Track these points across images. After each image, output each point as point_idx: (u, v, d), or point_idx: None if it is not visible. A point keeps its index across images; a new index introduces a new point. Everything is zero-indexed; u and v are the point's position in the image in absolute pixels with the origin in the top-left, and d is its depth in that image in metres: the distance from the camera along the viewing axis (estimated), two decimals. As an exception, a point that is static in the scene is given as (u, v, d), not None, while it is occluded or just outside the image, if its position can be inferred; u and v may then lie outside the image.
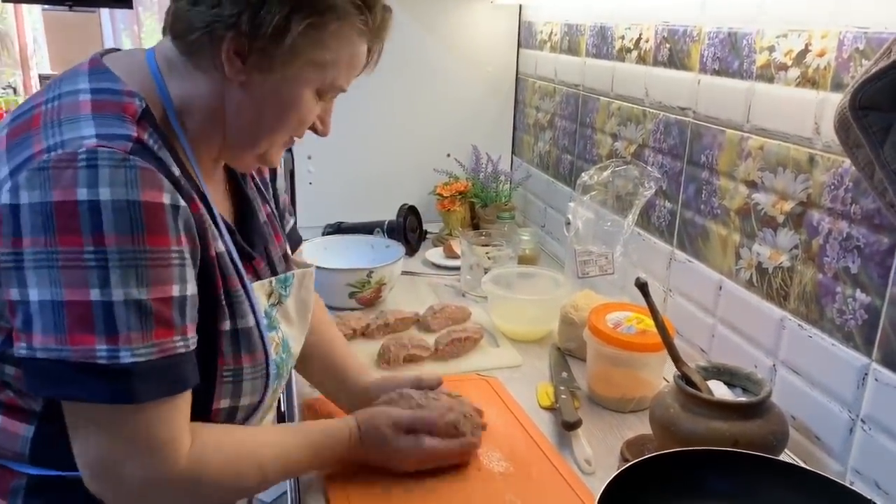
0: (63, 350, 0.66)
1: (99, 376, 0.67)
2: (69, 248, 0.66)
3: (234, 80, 0.77)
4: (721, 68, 1.16)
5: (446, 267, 1.75)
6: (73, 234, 0.65)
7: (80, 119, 0.71)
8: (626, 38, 1.46)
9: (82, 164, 0.66)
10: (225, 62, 0.75)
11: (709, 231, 1.21)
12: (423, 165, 2.03)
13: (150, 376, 0.69)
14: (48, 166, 0.66)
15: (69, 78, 0.77)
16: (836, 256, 0.94)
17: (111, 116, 0.72)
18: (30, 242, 0.66)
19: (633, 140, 1.45)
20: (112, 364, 0.67)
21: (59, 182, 0.66)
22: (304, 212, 2.01)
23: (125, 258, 0.67)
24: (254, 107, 0.79)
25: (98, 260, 0.66)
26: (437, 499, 0.91)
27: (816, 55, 0.96)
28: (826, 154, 0.95)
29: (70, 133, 0.69)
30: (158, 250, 0.69)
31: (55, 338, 0.66)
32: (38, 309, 0.66)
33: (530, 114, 2.02)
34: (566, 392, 1.13)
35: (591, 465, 0.99)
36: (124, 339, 0.67)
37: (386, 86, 1.97)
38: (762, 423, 0.88)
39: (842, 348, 0.94)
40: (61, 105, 0.73)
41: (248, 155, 0.85)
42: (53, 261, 0.66)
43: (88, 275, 0.66)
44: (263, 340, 0.84)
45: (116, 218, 0.66)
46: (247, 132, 0.81)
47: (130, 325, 0.67)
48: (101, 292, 0.66)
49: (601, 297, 1.32)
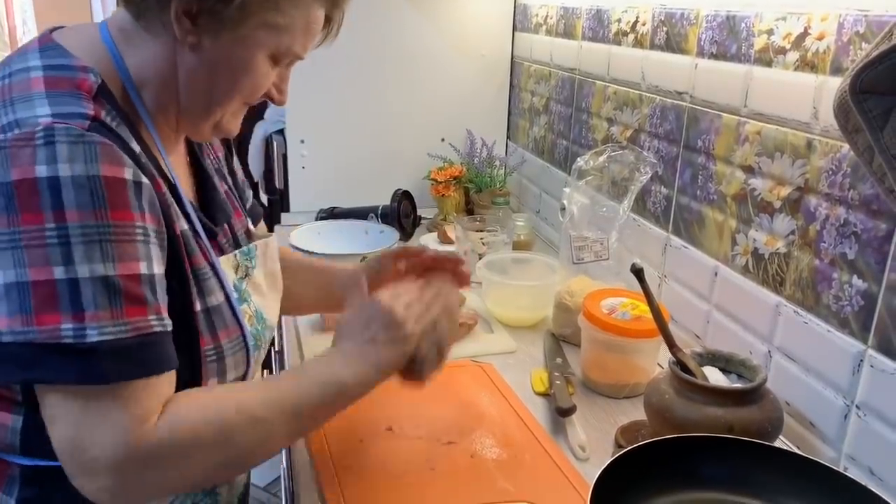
0: (29, 332, 0.64)
1: (65, 356, 0.64)
2: (31, 227, 0.64)
3: (184, 44, 0.75)
4: (718, 52, 1.15)
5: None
6: (33, 212, 0.64)
7: (33, 97, 0.69)
8: (623, 21, 1.44)
9: (40, 141, 0.64)
10: (174, 22, 0.73)
11: (705, 217, 1.20)
12: (418, 150, 2.01)
13: (121, 355, 0.66)
14: (5, 146, 0.65)
15: (19, 56, 0.75)
16: (833, 242, 0.93)
17: (65, 94, 0.70)
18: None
19: (629, 125, 1.44)
20: (78, 343, 0.64)
21: (17, 161, 0.64)
22: (297, 196, 2.00)
23: (88, 233, 0.65)
24: (206, 71, 0.77)
25: (60, 237, 0.64)
26: (430, 485, 0.91)
27: (816, 38, 0.95)
28: (824, 139, 0.94)
29: (24, 112, 0.67)
30: (122, 224, 0.67)
31: (21, 319, 0.64)
32: (3, 292, 0.64)
33: (525, 98, 2.00)
34: (561, 378, 1.13)
35: (585, 451, 0.99)
36: (91, 316, 0.65)
37: (380, 69, 1.95)
38: (757, 409, 0.88)
39: (837, 334, 0.93)
40: (12, 84, 0.71)
41: (204, 124, 0.82)
42: (17, 241, 0.64)
43: (51, 252, 0.64)
44: (236, 314, 0.82)
45: (77, 194, 0.64)
46: (200, 98, 0.79)
47: (97, 302, 0.65)
48: (66, 269, 0.64)
49: (596, 283, 1.32)
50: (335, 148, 1.99)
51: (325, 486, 0.90)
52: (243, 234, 0.94)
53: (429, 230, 1.89)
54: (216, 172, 0.94)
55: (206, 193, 0.89)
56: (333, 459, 0.95)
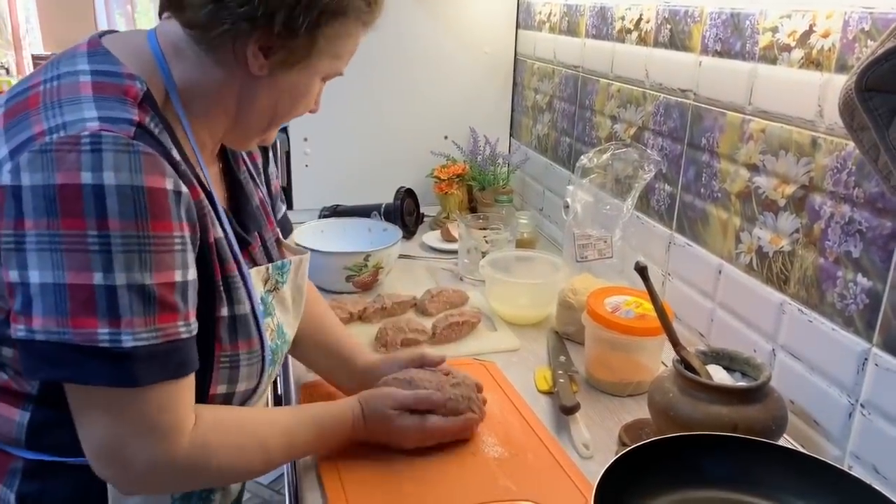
0: (64, 332, 0.66)
1: (100, 359, 0.67)
2: (72, 232, 0.65)
3: (254, 74, 0.78)
4: (723, 49, 1.15)
5: (443, 250, 1.74)
6: (76, 217, 0.65)
7: (80, 100, 0.70)
8: (627, 18, 1.44)
9: (86, 147, 0.66)
10: (250, 58, 0.76)
11: (709, 215, 1.20)
12: (421, 148, 2.01)
13: (152, 360, 0.69)
14: (51, 149, 0.66)
15: (67, 59, 0.76)
16: (837, 240, 0.93)
17: (112, 99, 0.71)
18: (32, 224, 0.65)
19: (632, 122, 1.44)
20: (114, 347, 0.66)
21: (63, 165, 0.65)
22: (300, 194, 2.00)
23: (129, 243, 0.67)
24: (271, 97, 0.81)
25: (102, 244, 0.66)
26: (432, 484, 0.90)
27: (821, 36, 0.95)
28: (829, 137, 0.94)
29: (71, 115, 0.68)
30: (162, 236, 0.69)
31: (56, 320, 0.66)
32: (38, 291, 0.66)
33: (529, 96, 2.00)
34: (564, 376, 1.13)
35: (588, 449, 0.99)
36: (126, 322, 0.67)
37: (383, 67, 1.95)
38: (762, 407, 0.88)
39: (842, 333, 0.93)
40: (61, 86, 0.72)
41: (256, 138, 0.86)
42: (56, 244, 0.65)
43: (92, 259, 0.66)
44: (259, 327, 0.84)
45: (120, 203, 0.66)
46: (260, 118, 0.83)
47: (133, 309, 0.67)
48: (104, 276, 0.66)
49: (599, 281, 1.32)
50: (338, 146, 1.99)
51: (327, 484, 0.90)
52: (274, 245, 0.96)
53: (432, 228, 1.89)
54: (252, 180, 0.95)
55: (239, 203, 0.90)
56: (336, 457, 0.95)
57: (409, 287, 1.50)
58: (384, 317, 1.34)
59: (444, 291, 1.41)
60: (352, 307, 1.34)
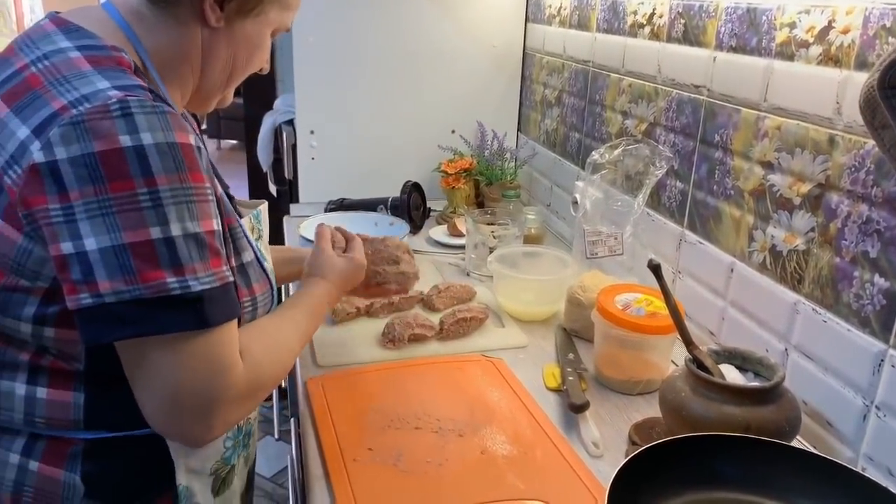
0: (136, 289, 0.67)
1: (174, 307, 0.69)
2: (122, 193, 0.67)
3: (212, 27, 0.81)
4: (738, 45, 1.13)
5: (450, 245, 1.73)
6: (123, 179, 0.67)
7: (87, 74, 0.71)
8: (639, 13, 1.42)
9: (116, 113, 0.68)
10: (207, 10, 0.79)
11: (721, 212, 1.19)
12: (428, 142, 2.00)
13: (216, 302, 0.72)
14: (82, 119, 0.67)
15: (41, 38, 0.76)
16: (854, 240, 0.92)
17: (114, 70, 0.73)
18: (78, 195, 0.67)
19: (644, 118, 1.42)
20: (185, 293, 0.69)
21: (99, 133, 0.67)
22: (306, 187, 1.99)
23: (177, 195, 0.69)
24: (229, 51, 0.84)
25: (153, 200, 0.68)
26: (439, 481, 0.90)
27: (840, 32, 0.93)
28: (847, 135, 0.93)
29: (86, 87, 0.70)
30: (199, 186, 0.72)
31: (124, 279, 0.67)
32: (98, 257, 0.67)
33: (537, 90, 1.98)
34: (573, 374, 1.12)
35: (598, 447, 0.98)
36: (189, 269, 0.70)
37: (390, 60, 1.94)
38: (775, 408, 0.87)
39: (858, 334, 0.92)
40: (55, 64, 0.73)
41: (216, 97, 0.90)
42: (107, 208, 0.67)
43: (146, 215, 0.68)
44: (265, 269, 0.88)
45: (162, 160, 0.68)
46: (221, 75, 0.86)
47: (192, 256, 0.70)
48: (161, 230, 0.68)
49: (609, 278, 1.30)
50: (345, 139, 1.97)
51: (333, 479, 0.90)
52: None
53: (438, 222, 1.88)
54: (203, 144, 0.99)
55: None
56: (342, 451, 0.95)
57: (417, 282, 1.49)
58: (391, 312, 1.34)
59: (451, 287, 1.40)
60: (358, 302, 1.33)
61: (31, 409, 0.77)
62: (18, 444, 0.78)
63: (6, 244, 0.70)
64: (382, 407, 1.04)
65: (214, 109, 0.92)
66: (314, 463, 0.94)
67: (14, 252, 0.70)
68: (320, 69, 1.89)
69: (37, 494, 0.78)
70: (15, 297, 0.73)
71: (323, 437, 0.98)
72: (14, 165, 0.68)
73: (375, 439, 0.97)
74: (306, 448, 0.98)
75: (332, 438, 0.98)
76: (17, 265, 0.71)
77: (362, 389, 1.10)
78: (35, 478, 0.78)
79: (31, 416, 0.77)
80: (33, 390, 0.77)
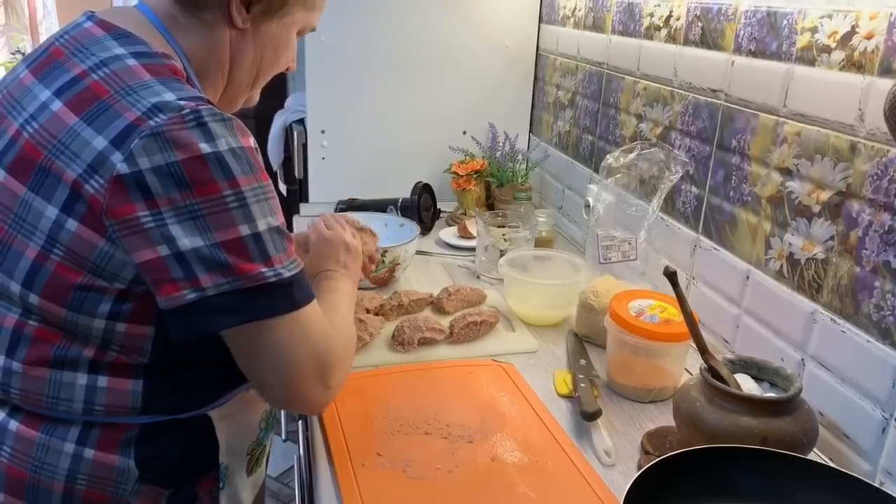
0: (235, 280, 0.73)
1: (270, 293, 0.75)
2: (210, 197, 0.72)
3: (239, 29, 0.85)
4: (757, 49, 1.11)
5: (460, 247, 1.71)
6: (208, 184, 0.72)
7: (150, 84, 0.75)
8: (656, 15, 1.41)
9: (192, 123, 0.72)
10: (234, 12, 0.83)
11: (737, 219, 1.17)
12: (439, 143, 1.98)
13: (300, 285, 0.79)
14: (162, 131, 0.71)
15: (93, 44, 0.79)
16: (875, 249, 0.90)
17: (172, 80, 0.77)
18: (166, 201, 0.71)
19: (659, 122, 1.41)
20: (278, 280, 0.76)
21: (179, 143, 0.71)
22: (316, 187, 1.98)
23: (257, 194, 0.75)
24: (255, 51, 0.89)
25: (238, 200, 0.73)
26: (448, 487, 0.88)
27: (864, 37, 0.91)
28: (869, 142, 0.91)
29: (153, 97, 0.74)
30: (267, 185, 0.78)
31: (222, 273, 0.73)
32: (194, 256, 0.72)
33: (550, 92, 1.97)
34: (585, 381, 1.10)
35: (610, 456, 0.96)
36: (276, 259, 0.76)
37: (401, 60, 1.93)
38: (792, 420, 0.85)
39: (878, 345, 0.90)
40: (115, 72, 0.76)
41: (243, 97, 0.95)
42: (196, 211, 0.72)
43: (235, 214, 0.73)
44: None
45: (238, 163, 0.74)
46: (248, 76, 0.91)
47: (276, 247, 0.76)
48: (249, 227, 0.74)
49: (622, 284, 1.29)
50: (356, 139, 1.96)
51: (342, 483, 0.89)
52: None
53: (448, 224, 1.86)
54: None
55: None
56: (351, 455, 0.93)
57: (425, 284, 1.48)
58: (401, 314, 1.32)
59: (461, 290, 1.38)
60: (368, 303, 1.31)
61: (91, 398, 0.80)
62: (73, 433, 0.81)
63: (86, 247, 0.74)
64: (391, 411, 1.03)
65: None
66: (322, 466, 0.93)
67: (94, 255, 0.74)
68: (331, 68, 1.88)
69: (90, 481, 0.81)
70: (90, 296, 0.76)
71: (331, 441, 0.97)
72: (95, 175, 0.72)
73: (384, 444, 0.96)
74: (314, 451, 0.97)
75: (341, 442, 0.97)
76: (96, 266, 0.75)
77: (371, 393, 1.09)
78: (90, 465, 0.80)
79: (90, 405, 0.80)
80: (94, 379, 0.80)
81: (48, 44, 0.83)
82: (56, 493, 0.80)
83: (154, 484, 0.83)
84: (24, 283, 0.76)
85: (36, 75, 0.80)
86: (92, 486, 0.81)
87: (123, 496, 0.82)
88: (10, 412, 0.81)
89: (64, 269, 0.75)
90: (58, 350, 0.78)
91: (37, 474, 0.80)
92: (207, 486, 0.88)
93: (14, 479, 0.80)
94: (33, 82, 0.80)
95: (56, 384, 0.79)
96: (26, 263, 0.76)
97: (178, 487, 0.85)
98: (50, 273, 0.75)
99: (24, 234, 0.76)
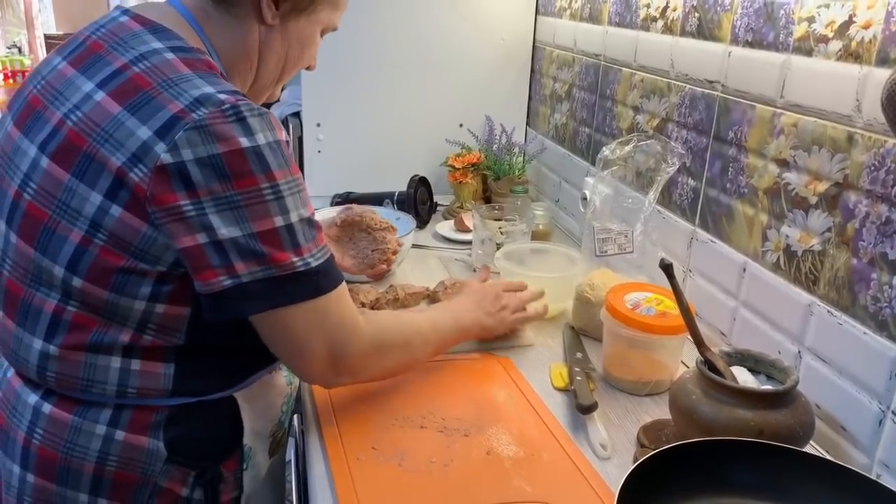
0: (269, 268, 0.77)
1: (299, 281, 0.80)
2: (249, 189, 0.75)
3: (269, 25, 0.88)
4: (754, 40, 1.11)
5: (456, 241, 1.71)
6: (247, 176, 0.75)
7: (190, 78, 0.78)
8: (652, 6, 1.40)
9: (232, 118, 0.75)
10: (264, 8, 0.86)
11: (734, 211, 1.16)
12: (435, 136, 1.97)
13: (328, 272, 0.83)
14: (205, 124, 0.74)
15: (131, 38, 0.82)
16: (873, 241, 0.89)
17: (209, 74, 0.79)
18: (207, 192, 0.74)
19: (656, 113, 1.40)
20: (307, 269, 0.80)
21: (220, 136, 0.74)
22: (312, 180, 1.97)
23: (291, 187, 0.79)
24: (283, 48, 0.91)
25: (275, 193, 0.77)
26: (443, 481, 0.88)
27: (861, 27, 0.91)
28: (867, 133, 0.90)
29: (194, 90, 0.76)
30: (298, 178, 0.81)
31: (257, 261, 0.77)
32: (232, 245, 0.76)
33: (547, 84, 1.96)
34: (581, 374, 1.10)
35: (606, 449, 0.96)
36: (306, 249, 0.80)
37: (398, 53, 1.92)
38: (788, 412, 0.85)
39: (875, 337, 0.89)
40: (155, 65, 0.79)
41: (268, 92, 0.97)
42: (235, 202, 0.75)
43: (271, 206, 0.77)
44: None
45: (274, 157, 0.77)
46: (274, 72, 0.94)
47: (306, 237, 0.81)
48: (283, 218, 0.78)
49: (618, 276, 1.28)
50: (352, 132, 1.95)
51: (336, 477, 0.88)
52: None
53: (445, 217, 1.86)
54: None
55: None
56: (345, 449, 0.93)
57: (421, 277, 1.47)
58: (397, 307, 1.32)
59: (457, 283, 1.38)
60: (364, 297, 1.31)
61: (124, 381, 0.83)
62: (105, 415, 0.83)
63: (129, 231, 0.76)
64: (386, 404, 1.03)
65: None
66: (317, 460, 0.93)
67: (137, 239, 0.77)
68: (327, 61, 1.87)
69: (120, 462, 0.84)
70: (132, 279, 0.79)
71: (326, 435, 0.97)
72: (139, 164, 0.74)
73: (379, 438, 0.96)
74: (309, 445, 0.97)
75: (335, 436, 0.96)
76: (138, 250, 0.77)
77: (366, 386, 1.08)
78: (120, 446, 0.83)
79: (123, 388, 0.83)
80: (128, 363, 0.82)
81: (84, 37, 0.86)
82: (86, 474, 0.83)
83: (181, 465, 0.86)
84: (68, 267, 0.79)
85: (76, 67, 0.82)
86: (121, 467, 0.83)
87: (151, 476, 0.84)
88: (44, 395, 0.85)
89: (107, 252, 0.78)
90: (95, 335, 0.81)
91: (68, 456, 0.83)
92: (231, 466, 0.91)
93: (45, 461, 0.83)
94: (74, 74, 0.82)
95: (91, 367, 0.82)
96: (70, 248, 0.78)
97: (204, 468, 0.88)
98: (94, 257, 0.78)
99: (67, 219, 0.78)
